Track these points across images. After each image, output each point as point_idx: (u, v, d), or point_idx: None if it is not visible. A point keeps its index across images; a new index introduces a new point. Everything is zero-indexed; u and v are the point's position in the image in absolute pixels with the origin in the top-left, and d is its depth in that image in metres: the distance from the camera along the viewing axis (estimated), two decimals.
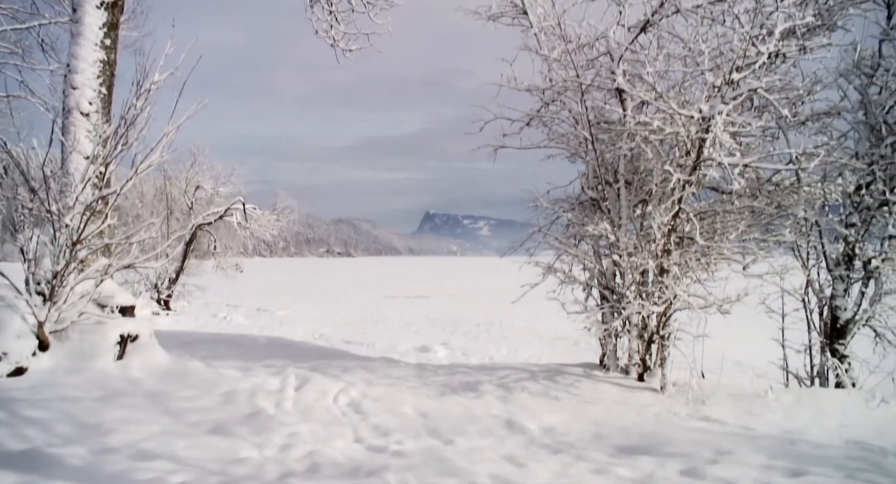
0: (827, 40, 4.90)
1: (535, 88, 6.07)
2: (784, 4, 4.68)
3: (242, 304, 23.74)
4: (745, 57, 4.60)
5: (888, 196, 4.92)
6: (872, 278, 5.20)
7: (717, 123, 4.39)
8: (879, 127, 5.09)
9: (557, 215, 5.92)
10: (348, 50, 8.54)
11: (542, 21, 6.19)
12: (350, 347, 13.59)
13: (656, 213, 4.86)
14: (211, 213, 19.56)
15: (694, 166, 4.74)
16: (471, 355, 12.20)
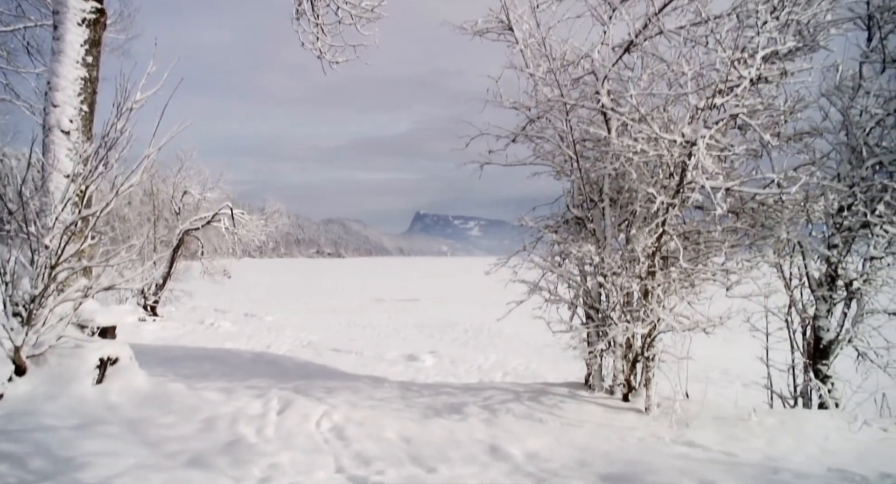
0: (808, 64, 4.92)
1: (521, 106, 6.06)
2: (765, 28, 4.70)
3: (230, 309, 23.60)
4: (727, 81, 4.60)
5: (869, 218, 4.94)
6: (855, 299, 5.22)
7: (699, 148, 4.39)
8: (860, 149, 5.12)
9: (542, 234, 5.91)
10: (335, 62, 8.50)
11: (528, 38, 6.18)
12: (338, 355, 13.56)
13: (640, 234, 4.86)
14: (198, 218, 19.44)
15: (677, 189, 4.74)
16: (458, 364, 12.18)
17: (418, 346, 14.95)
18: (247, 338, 16.27)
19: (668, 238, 4.88)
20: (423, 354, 12.91)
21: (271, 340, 15.87)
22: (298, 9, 8.12)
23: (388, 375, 11.12)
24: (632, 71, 5.61)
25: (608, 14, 5.66)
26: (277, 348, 14.28)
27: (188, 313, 21.12)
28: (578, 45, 6.02)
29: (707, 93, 4.81)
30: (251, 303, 26.25)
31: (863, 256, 5.14)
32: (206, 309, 23.55)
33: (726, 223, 5.16)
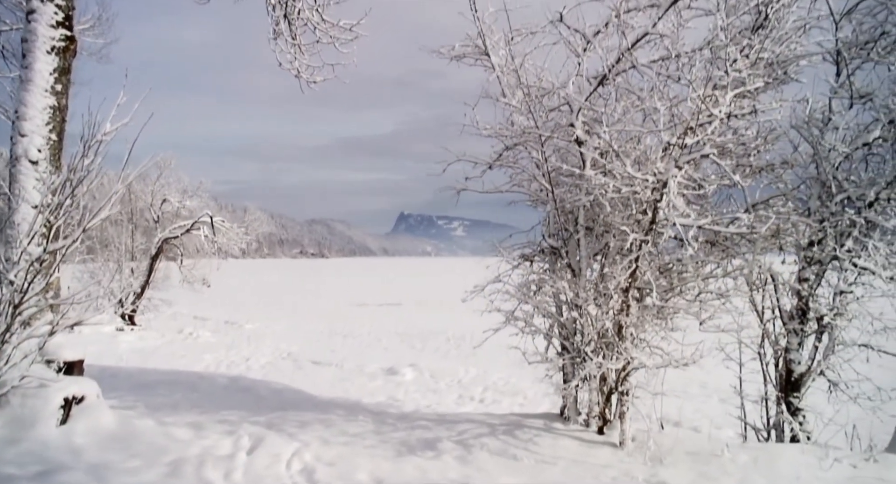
0: (778, 100, 4.95)
1: (497, 134, 6.04)
2: (735, 66, 4.72)
3: (210, 316, 23.36)
4: (699, 118, 4.62)
5: (838, 253, 4.98)
6: (825, 332, 5.27)
7: (671, 188, 4.40)
8: (830, 183, 5.16)
9: (518, 263, 5.90)
10: (312, 81, 8.43)
11: (504, 64, 6.17)
12: (318, 368, 13.46)
13: (614, 269, 4.86)
14: (178, 226, 19.25)
15: (650, 226, 4.75)
16: (439, 378, 12.13)
17: (399, 357, 14.88)
18: (226, 349, 16.11)
19: (641, 274, 4.88)
20: (403, 367, 12.86)
21: (251, 351, 15.72)
22: (276, 29, 8.04)
23: (367, 391, 11.07)
24: (606, 103, 5.62)
25: (582, 46, 5.67)
26: (256, 360, 14.15)
27: (167, 322, 20.88)
28: (554, 74, 6.02)
29: (679, 129, 4.82)
30: (232, 309, 26.00)
31: (833, 289, 5.18)
32: (186, 316, 23.29)
33: (699, 257, 5.17)
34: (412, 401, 9.56)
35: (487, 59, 6.33)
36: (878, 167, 5.29)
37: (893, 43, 5.28)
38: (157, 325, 20.05)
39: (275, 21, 8.13)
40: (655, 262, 5.10)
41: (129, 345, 16.28)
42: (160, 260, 19.57)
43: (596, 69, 5.67)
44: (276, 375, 12.36)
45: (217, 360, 14.18)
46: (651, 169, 4.82)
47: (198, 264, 19.69)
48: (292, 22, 8.40)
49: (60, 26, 5.45)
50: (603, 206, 5.20)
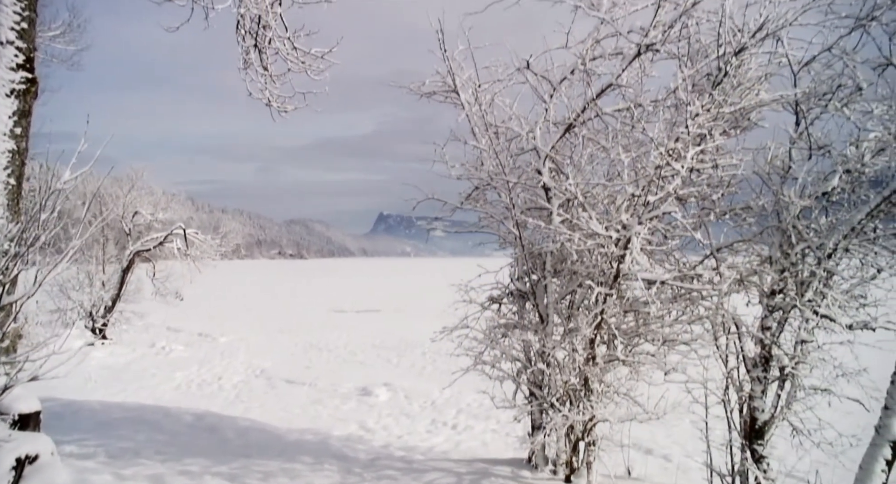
0: (739, 148, 5.02)
1: (466, 175, 6.05)
2: (696, 122, 4.77)
3: (183, 327, 23.05)
4: (661, 173, 4.66)
5: (798, 304, 5.06)
6: (788, 380, 5.34)
7: (633, 245, 4.44)
8: (790, 233, 5.24)
9: (487, 305, 5.91)
10: (284, 110, 8.35)
11: (473, 105, 6.18)
12: (291, 388, 13.33)
13: (579, 321, 4.89)
14: (150, 239, 18.97)
15: (614, 280, 4.78)
16: (413, 399, 12.09)
17: (374, 374, 14.82)
18: (198, 365, 15.91)
19: (606, 326, 4.92)
20: (378, 387, 12.80)
21: (223, 367, 15.54)
22: (246, 58, 7.95)
23: (339, 415, 10.95)
24: (573, 149, 5.65)
25: (549, 92, 5.69)
26: (229, 379, 13.99)
27: (139, 334, 20.57)
28: (523, 115, 6.04)
29: (643, 182, 4.86)
30: (206, 319, 25.64)
31: (795, 337, 5.25)
32: (159, 328, 22.94)
33: (665, 306, 5.22)
34: (384, 429, 9.52)
35: (457, 97, 6.34)
36: (837, 216, 5.37)
37: (850, 95, 5.37)
38: (129, 338, 19.73)
39: (245, 50, 8.04)
40: (622, 304, 5.13)
41: (98, 362, 16.00)
42: (132, 272, 19.27)
43: (563, 115, 5.70)
44: (248, 396, 12.26)
45: (188, 379, 14.00)
46: (616, 220, 4.85)
47: (171, 277, 19.40)
48: (263, 50, 8.32)
49: (21, 69, 5.33)
50: (570, 254, 5.22)
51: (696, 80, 5.41)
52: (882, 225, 5.24)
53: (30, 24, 5.48)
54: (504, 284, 6.06)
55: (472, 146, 6.12)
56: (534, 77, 5.75)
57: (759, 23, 4.74)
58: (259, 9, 7.75)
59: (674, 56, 5.51)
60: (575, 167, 5.50)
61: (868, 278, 5.34)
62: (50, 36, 15.09)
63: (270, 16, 7.91)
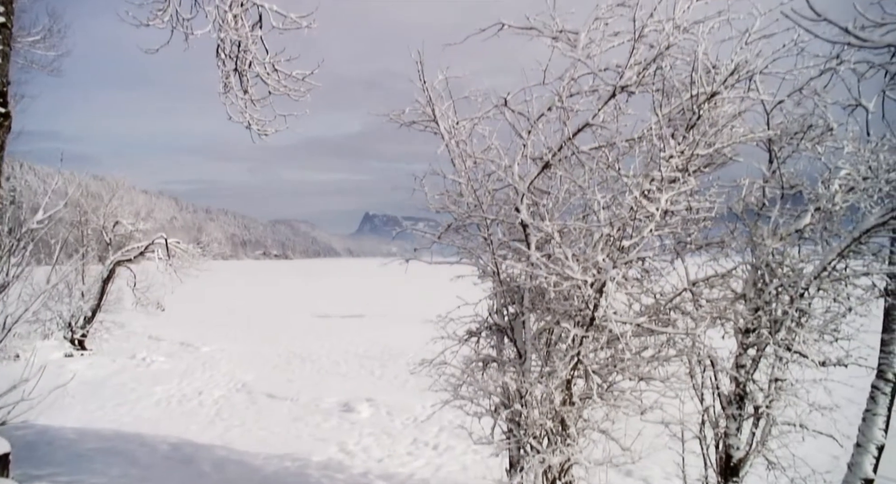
0: (710, 201, 5.09)
1: (444, 209, 6.07)
2: (670, 165, 4.83)
3: (165, 335, 22.85)
4: (636, 217, 4.72)
5: (772, 342, 5.14)
6: (762, 418, 5.42)
7: (609, 290, 4.49)
8: (763, 271, 5.33)
9: (465, 339, 5.93)
10: (264, 133, 8.33)
11: (452, 135, 6.21)
12: (272, 403, 13.27)
13: (553, 362, 4.93)
14: (131, 248, 18.82)
15: (590, 322, 4.83)
16: (395, 415, 12.07)
17: (356, 388, 14.81)
18: (179, 378, 15.79)
19: (582, 368, 4.97)
20: (360, 403, 12.78)
21: (204, 381, 15.43)
22: (226, 82, 7.92)
23: (320, 434, 10.90)
24: (550, 184, 5.70)
25: (527, 128, 5.73)
26: (209, 394, 13.88)
27: (120, 343, 20.38)
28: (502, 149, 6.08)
29: (618, 223, 4.91)
30: (188, 327, 25.42)
31: (769, 376, 5.33)
32: (140, 337, 22.72)
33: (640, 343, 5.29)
34: (364, 452, 9.51)
35: (437, 126, 6.36)
36: (810, 255, 5.47)
37: (821, 134, 5.47)
38: (109, 348, 19.56)
39: (225, 74, 8.01)
40: (597, 342, 5.17)
41: (77, 375, 15.76)
42: (112, 282, 19.11)
43: (541, 150, 5.74)
44: (229, 413, 12.18)
45: (168, 394, 13.90)
46: (592, 261, 4.90)
47: (152, 287, 19.25)
48: (243, 74, 8.29)
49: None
50: (547, 292, 5.26)
51: (671, 117, 5.47)
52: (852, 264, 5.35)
53: (3, 59, 5.43)
54: (483, 316, 6.08)
55: (451, 179, 6.14)
56: (511, 114, 5.78)
57: (731, 68, 4.81)
58: (239, 34, 7.73)
59: (650, 90, 5.58)
60: (552, 205, 5.55)
61: (840, 315, 5.45)
62: (29, 41, 14.90)
63: (250, 40, 7.89)
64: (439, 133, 6.38)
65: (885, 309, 5.52)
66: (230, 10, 7.55)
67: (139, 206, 18.62)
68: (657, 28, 5.16)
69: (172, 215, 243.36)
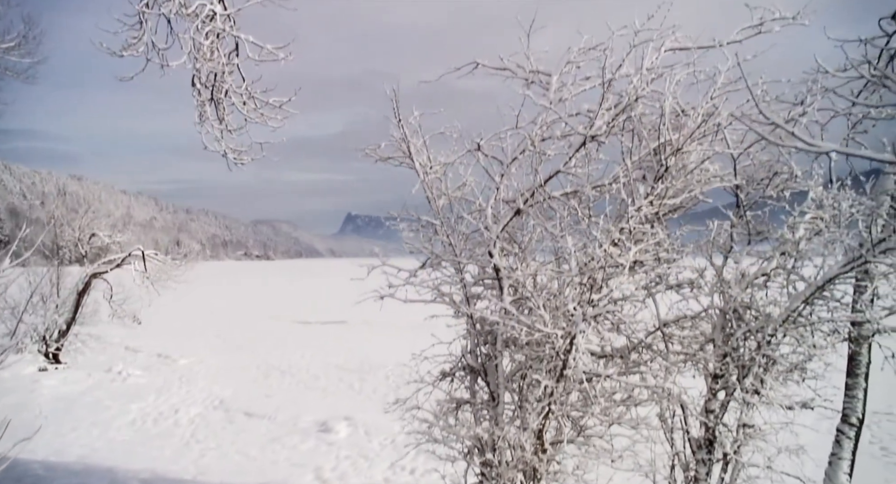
0: (678, 255, 5.18)
1: (418, 250, 6.10)
2: (639, 216, 4.91)
3: (143, 347, 22.57)
4: (605, 269, 4.79)
5: (738, 390, 5.24)
6: (730, 463, 5.51)
7: (578, 344, 4.55)
8: (731, 317, 5.42)
9: (438, 380, 5.97)
10: (240, 161, 8.31)
11: (427, 174, 6.25)
12: (249, 423, 13.19)
13: (525, 412, 4.98)
14: (107, 261, 18.61)
15: (561, 373, 4.89)
16: (373, 436, 12.04)
17: (335, 404, 14.80)
18: (156, 394, 15.61)
19: (553, 417, 5.02)
20: (338, 423, 12.75)
21: (181, 397, 15.29)
22: (201, 112, 7.88)
23: (296, 458, 10.82)
24: (524, 228, 5.76)
25: (500, 172, 5.78)
26: (186, 412, 13.76)
27: (96, 355, 20.12)
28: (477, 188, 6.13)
29: (588, 272, 4.98)
30: (166, 337, 25.15)
31: (737, 421, 5.42)
32: (117, 348, 22.44)
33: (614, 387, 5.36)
34: (340, 480, 9.51)
35: (412, 162, 6.40)
36: (776, 299, 5.57)
37: (786, 181, 5.59)
38: (85, 361, 19.31)
39: (200, 104, 7.97)
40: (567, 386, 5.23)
41: (51, 391, 15.63)
42: (87, 295, 18.87)
43: (514, 193, 5.80)
44: (205, 434, 12.08)
45: (144, 412, 13.76)
46: (563, 309, 4.96)
47: (128, 299, 19.05)
48: (219, 102, 8.25)
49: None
50: (519, 337, 5.31)
51: (641, 162, 5.55)
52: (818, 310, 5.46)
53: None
54: (457, 356, 6.12)
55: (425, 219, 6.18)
56: (485, 158, 5.84)
57: (697, 122, 4.90)
58: (215, 65, 7.70)
59: (620, 139, 5.66)
60: (524, 250, 5.61)
61: (806, 358, 5.55)
62: (3, 48, 14.69)
63: (227, 70, 7.86)
64: (414, 169, 6.42)
65: (848, 355, 5.65)
66: (206, 40, 7.52)
67: (116, 219, 18.37)
68: (626, 76, 5.25)
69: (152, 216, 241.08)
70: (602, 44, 5.73)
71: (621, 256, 4.81)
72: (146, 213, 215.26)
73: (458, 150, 6.00)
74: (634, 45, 5.23)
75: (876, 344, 5.67)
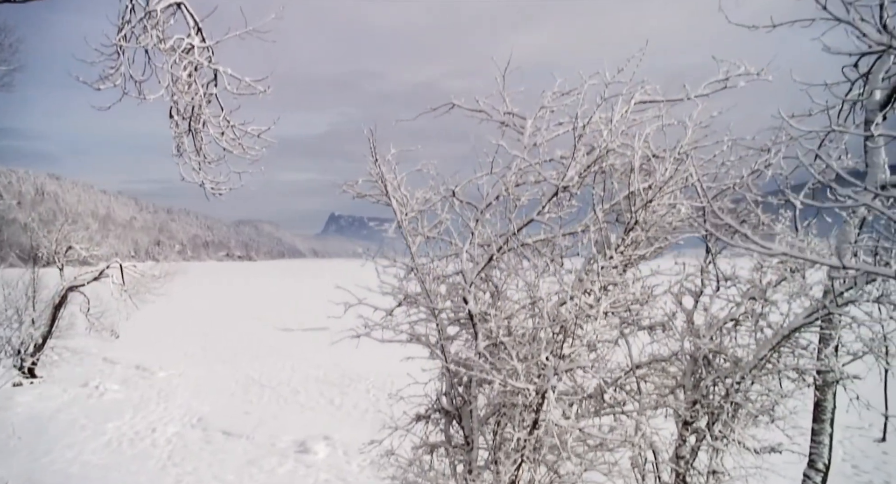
0: (649, 298, 5.27)
1: (394, 292, 6.13)
2: (611, 263, 4.99)
3: (120, 358, 22.30)
4: (576, 322, 4.87)
5: (707, 437, 5.34)
6: None
7: (549, 399, 4.62)
8: (701, 363, 5.53)
9: (413, 423, 6.01)
10: (218, 192, 8.28)
11: (404, 213, 6.29)
12: (227, 443, 13.09)
13: (497, 457, 5.04)
14: (84, 274, 18.41)
15: (533, 426, 4.96)
16: (352, 456, 12.04)
17: (315, 421, 14.77)
18: (132, 411, 15.44)
19: (528, 466, 5.09)
20: (317, 443, 12.72)
21: (159, 414, 15.15)
22: (179, 144, 7.85)
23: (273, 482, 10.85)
24: (497, 278, 5.81)
25: (475, 217, 5.84)
26: (163, 432, 13.60)
27: (73, 368, 19.89)
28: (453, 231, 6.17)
29: (560, 321, 5.05)
30: (144, 346, 24.88)
31: (707, 467, 5.53)
32: (94, 359, 22.16)
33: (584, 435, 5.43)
34: None
35: (389, 201, 6.45)
36: (746, 343, 5.68)
37: (753, 229, 5.71)
38: (61, 374, 19.08)
39: (178, 135, 7.93)
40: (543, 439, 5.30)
41: (25, 408, 15.42)
42: (64, 308, 18.65)
43: (488, 237, 5.85)
44: (181, 456, 11.98)
45: (120, 432, 13.61)
46: (536, 359, 5.03)
47: (106, 313, 18.85)
48: (197, 133, 8.22)
49: None
50: (493, 385, 5.37)
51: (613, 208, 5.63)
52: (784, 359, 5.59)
53: None
54: (432, 398, 6.16)
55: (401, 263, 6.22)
56: (459, 203, 5.89)
57: (665, 179, 4.99)
58: (193, 99, 7.68)
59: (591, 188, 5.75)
60: (498, 293, 5.67)
61: (773, 403, 5.68)
62: None
63: (204, 100, 7.83)
64: (391, 206, 6.47)
65: (815, 402, 5.78)
66: (184, 72, 7.50)
67: (92, 232, 18.19)
68: (596, 129, 5.33)
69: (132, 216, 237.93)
70: (575, 89, 5.83)
71: (592, 308, 4.89)
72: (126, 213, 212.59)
73: (434, 187, 6.05)
74: (605, 97, 5.31)
75: (841, 386, 5.81)
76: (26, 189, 45.35)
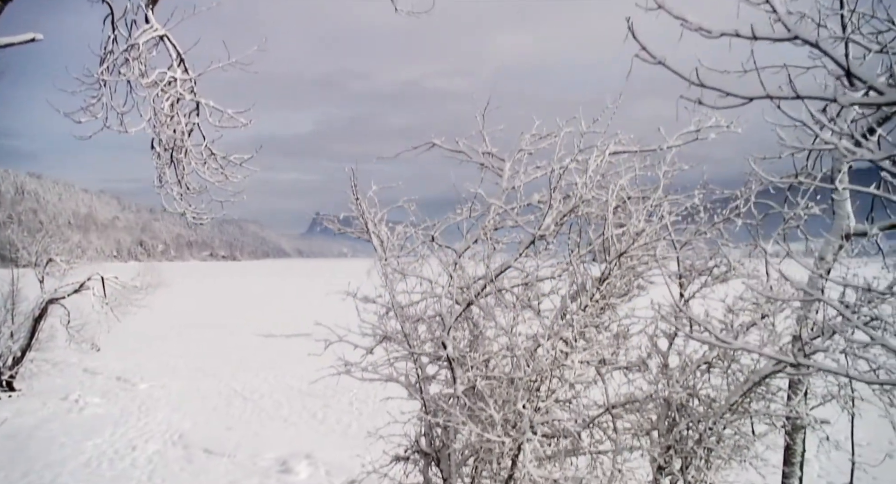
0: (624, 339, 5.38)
1: (373, 332, 6.19)
2: (585, 314, 5.09)
3: (101, 368, 22.07)
4: (552, 371, 4.96)
5: (681, 482, 5.45)
6: None
7: (525, 452, 4.71)
8: (675, 408, 5.64)
9: (391, 466, 6.07)
10: (200, 221, 8.28)
11: (384, 250, 6.35)
12: (209, 461, 13.04)
13: None
14: (64, 286, 18.25)
15: (510, 474, 5.04)
16: (334, 476, 12.05)
17: (297, 437, 14.76)
18: (112, 426, 15.30)
19: None
20: (298, 462, 12.71)
21: (139, 430, 15.01)
22: (161, 175, 7.84)
23: None
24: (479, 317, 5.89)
25: (454, 259, 5.91)
26: (143, 451, 13.46)
27: (53, 380, 19.70)
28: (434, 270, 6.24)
29: (537, 370, 5.13)
30: (126, 355, 24.62)
31: None
32: (75, 369, 21.92)
33: None
34: None
35: (370, 239, 6.52)
36: (718, 385, 5.81)
37: (724, 273, 5.83)
38: (41, 386, 18.88)
39: (160, 167, 7.92)
40: None
41: (4, 427, 15.22)
42: (44, 320, 18.47)
43: (467, 280, 5.92)
44: (161, 477, 11.94)
45: (100, 450, 13.47)
46: (513, 408, 5.11)
47: (87, 325, 18.69)
48: (179, 162, 8.21)
49: None
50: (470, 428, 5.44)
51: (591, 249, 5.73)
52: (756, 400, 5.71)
53: None
54: (412, 438, 6.22)
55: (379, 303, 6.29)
56: (438, 247, 5.97)
57: (638, 230, 5.10)
58: (175, 133, 7.67)
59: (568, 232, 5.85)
60: (476, 338, 5.75)
61: (745, 444, 5.80)
62: None
63: (186, 131, 7.83)
64: (372, 243, 6.54)
65: (785, 445, 5.91)
66: (166, 103, 7.49)
67: (73, 244, 18.03)
68: (571, 181, 5.43)
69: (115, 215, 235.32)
70: (552, 133, 5.93)
71: (567, 357, 4.98)
72: (108, 212, 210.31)
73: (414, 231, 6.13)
74: (581, 148, 5.41)
75: (811, 427, 5.96)
76: (6, 188, 44.66)
